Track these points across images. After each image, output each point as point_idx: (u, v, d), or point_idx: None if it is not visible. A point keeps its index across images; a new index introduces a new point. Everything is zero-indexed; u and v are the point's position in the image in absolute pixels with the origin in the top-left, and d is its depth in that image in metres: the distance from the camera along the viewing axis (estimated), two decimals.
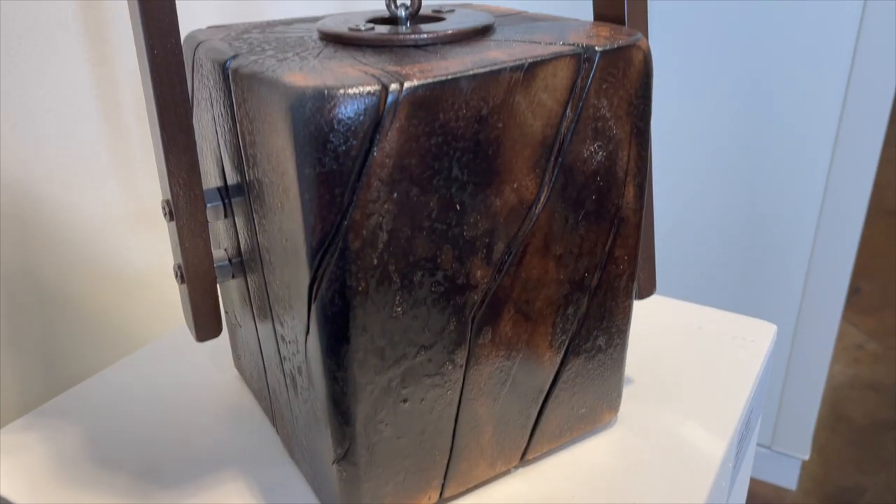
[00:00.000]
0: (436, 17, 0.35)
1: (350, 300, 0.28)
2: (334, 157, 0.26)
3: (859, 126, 1.13)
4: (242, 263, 0.37)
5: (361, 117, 0.26)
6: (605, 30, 0.33)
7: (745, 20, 1.16)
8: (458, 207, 0.29)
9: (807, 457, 1.40)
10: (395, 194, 0.28)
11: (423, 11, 0.36)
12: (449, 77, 0.27)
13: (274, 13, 0.58)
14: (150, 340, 0.54)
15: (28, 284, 0.46)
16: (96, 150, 0.48)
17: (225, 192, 0.36)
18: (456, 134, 0.28)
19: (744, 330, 0.48)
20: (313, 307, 0.29)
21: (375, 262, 0.28)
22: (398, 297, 0.29)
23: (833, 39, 1.10)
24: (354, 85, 0.26)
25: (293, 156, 0.26)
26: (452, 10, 0.36)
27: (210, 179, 0.37)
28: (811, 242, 1.24)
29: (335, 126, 0.26)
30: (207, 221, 0.35)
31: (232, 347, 0.44)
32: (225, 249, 0.38)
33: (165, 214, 0.35)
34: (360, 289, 0.28)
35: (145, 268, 0.53)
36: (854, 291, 2.02)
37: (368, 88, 0.26)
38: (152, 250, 0.53)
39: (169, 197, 0.34)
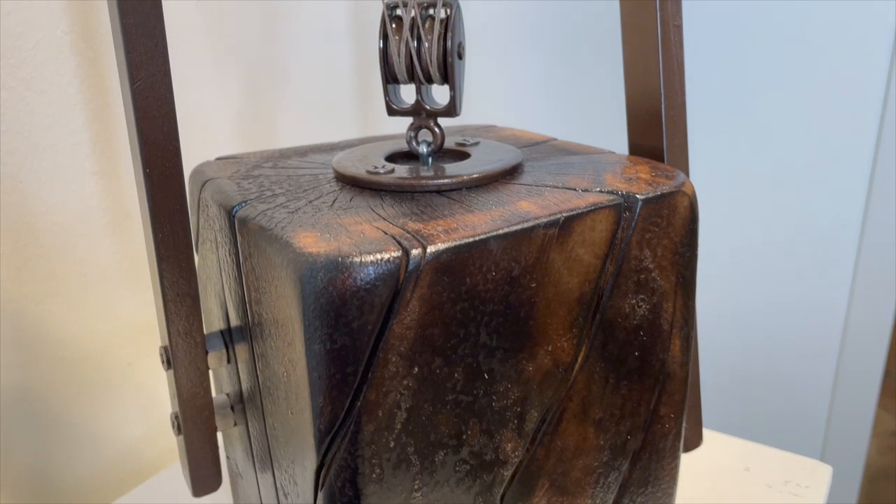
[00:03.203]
0: (460, 152, 0.33)
1: (362, 489, 0.25)
2: (347, 332, 0.23)
3: (887, 208, 1.10)
4: (245, 410, 0.33)
5: (379, 287, 0.23)
6: (644, 170, 0.30)
7: (762, 137, 1.15)
8: (486, 376, 0.26)
9: None
10: (416, 368, 0.24)
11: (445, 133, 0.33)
12: (477, 238, 0.24)
13: (286, 134, 0.57)
14: (151, 472, 0.50)
15: (26, 409, 0.43)
16: (102, 264, 0.45)
17: (229, 337, 0.33)
18: (484, 298, 0.25)
19: (796, 472, 0.43)
20: (320, 495, 0.25)
21: (392, 444, 0.25)
22: (418, 481, 0.26)
23: (856, 126, 1.09)
24: (372, 251, 0.23)
25: (301, 329, 0.23)
26: (477, 143, 0.34)
27: (213, 321, 0.34)
28: (841, 331, 1.20)
29: (349, 299, 0.23)
30: (208, 369, 0.32)
31: (233, 494, 0.41)
32: (227, 394, 0.35)
33: (163, 362, 0.32)
34: (373, 476, 0.25)
35: (151, 388, 0.50)
36: (884, 374, 1.94)
37: (387, 255, 0.23)
38: (153, 366, 0.50)
39: (167, 344, 0.31)
